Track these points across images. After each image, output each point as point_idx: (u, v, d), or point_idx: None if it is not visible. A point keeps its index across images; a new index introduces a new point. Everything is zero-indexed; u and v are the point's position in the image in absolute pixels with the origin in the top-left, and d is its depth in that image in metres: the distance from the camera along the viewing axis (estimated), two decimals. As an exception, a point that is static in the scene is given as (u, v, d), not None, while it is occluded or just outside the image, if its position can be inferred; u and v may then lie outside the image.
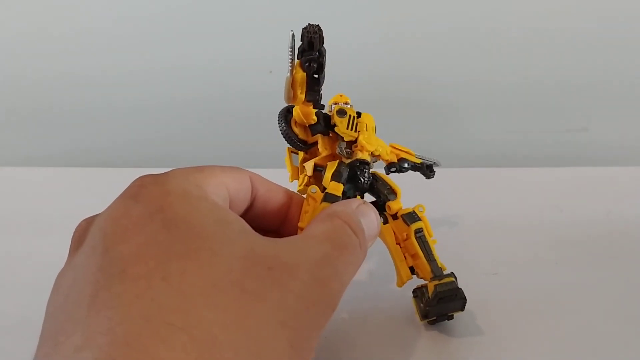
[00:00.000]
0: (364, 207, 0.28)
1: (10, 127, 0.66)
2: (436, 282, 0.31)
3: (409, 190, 0.47)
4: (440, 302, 0.31)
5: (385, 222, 0.33)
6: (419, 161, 0.36)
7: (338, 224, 0.26)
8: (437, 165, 0.37)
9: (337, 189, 0.31)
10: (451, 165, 0.54)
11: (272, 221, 0.30)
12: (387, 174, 0.35)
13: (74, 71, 0.64)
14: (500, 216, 0.45)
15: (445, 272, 0.32)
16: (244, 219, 0.28)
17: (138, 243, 0.21)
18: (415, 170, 0.36)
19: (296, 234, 0.30)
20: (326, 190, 0.30)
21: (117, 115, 0.65)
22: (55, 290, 0.23)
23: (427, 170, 0.36)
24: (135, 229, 0.22)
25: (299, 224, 0.30)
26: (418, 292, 0.33)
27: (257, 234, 0.24)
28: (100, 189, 0.51)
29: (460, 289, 0.31)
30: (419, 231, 0.32)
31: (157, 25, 0.62)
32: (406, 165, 0.35)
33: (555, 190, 0.49)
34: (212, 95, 0.64)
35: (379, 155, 0.33)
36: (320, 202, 0.30)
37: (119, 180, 0.26)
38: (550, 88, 0.63)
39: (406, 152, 0.36)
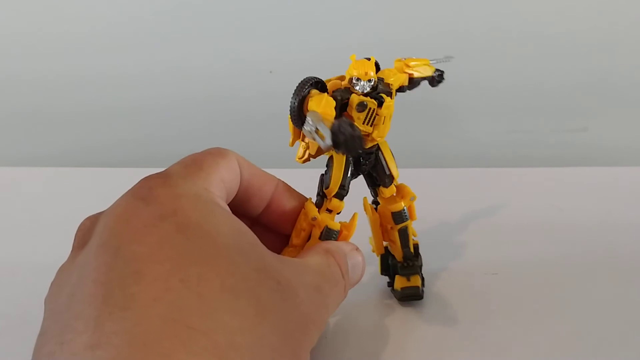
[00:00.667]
0: (354, 254, 0.30)
1: (10, 127, 0.66)
2: (404, 283, 0.34)
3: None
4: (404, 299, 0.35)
5: (376, 195, 0.33)
6: (429, 73, 0.35)
7: (332, 263, 0.28)
8: (450, 60, 0.36)
9: (338, 207, 0.31)
10: (451, 165, 0.54)
11: (253, 207, 0.30)
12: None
13: (74, 71, 0.64)
14: (500, 216, 0.45)
15: (415, 244, 0.35)
16: (230, 205, 0.28)
17: (151, 244, 0.21)
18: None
19: (281, 224, 0.30)
20: (327, 226, 0.30)
21: (118, 115, 0.65)
22: (56, 287, 0.23)
23: (435, 80, 0.35)
24: (147, 230, 0.22)
25: (294, 240, 0.30)
26: (387, 252, 0.36)
27: (264, 247, 0.25)
28: (100, 189, 0.51)
29: (421, 293, 0.35)
30: (403, 228, 0.33)
31: (157, 26, 0.62)
32: (416, 78, 0.34)
33: (555, 190, 0.49)
34: (212, 95, 0.64)
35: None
36: (320, 237, 0.30)
37: (119, 180, 0.26)
38: (550, 88, 0.63)
39: (419, 65, 0.34)
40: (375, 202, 0.34)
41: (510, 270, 0.38)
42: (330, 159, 0.31)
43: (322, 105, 0.28)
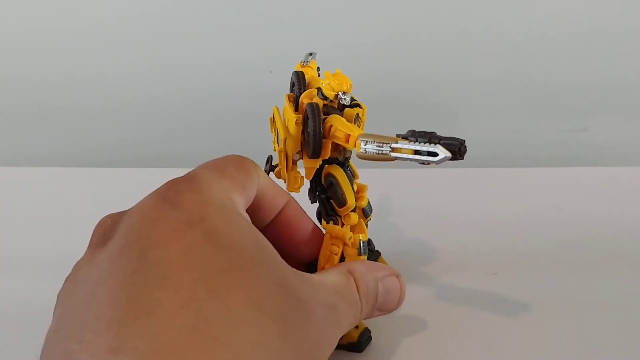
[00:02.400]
0: (389, 279, 0.29)
1: (11, 127, 0.66)
2: None
3: (409, 188, 0.47)
4: None
5: None
6: None
7: (350, 283, 0.27)
8: (314, 56, 0.35)
9: (356, 220, 0.31)
10: (451, 165, 0.54)
11: (261, 218, 0.29)
12: None
13: (74, 71, 0.64)
14: (500, 216, 0.45)
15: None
16: None
17: (178, 249, 0.21)
18: None
19: (284, 240, 0.30)
20: (361, 239, 0.30)
21: (118, 115, 0.65)
22: (73, 283, 0.23)
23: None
24: (174, 234, 0.21)
25: (327, 266, 0.30)
26: None
27: (284, 262, 0.25)
28: (100, 189, 0.52)
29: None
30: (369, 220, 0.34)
31: (157, 25, 0.62)
32: None
33: (555, 190, 0.49)
34: (212, 95, 0.64)
35: None
36: (358, 254, 0.30)
37: (119, 180, 0.26)
38: (550, 88, 0.63)
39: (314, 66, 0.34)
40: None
41: (510, 270, 0.38)
42: (329, 177, 0.31)
43: (353, 127, 0.28)
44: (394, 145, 0.25)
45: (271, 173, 0.32)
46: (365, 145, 0.26)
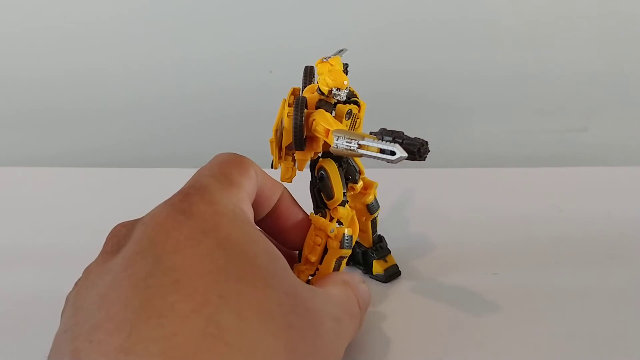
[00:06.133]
0: (362, 286, 0.31)
1: (10, 127, 0.66)
2: (384, 265, 0.37)
3: (409, 187, 0.47)
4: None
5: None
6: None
7: (350, 295, 0.28)
8: (344, 52, 0.36)
9: (347, 214, 0.31)
10: (451, 165, 0.54)
11: (258, 214, 0.30)
12: None
13: (73, 71, 0.64)
14: (500, 216, 0.45)
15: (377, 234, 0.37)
16: None
17: (192, 256, 0.21)
18: None
19: (278, 232, 0.30)
20: (345, 233, 0.31)
21: (118, 115, 0.65)
22: (84, 286, 0.23)
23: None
24: (188, 242, 0.22)
25: (311, 257, 0.31)
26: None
27: (293, 273, 0.25)
28: (100, 189, 0.52)
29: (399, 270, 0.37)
30: (375, 216, 0.36)
31: (157, 25, 0.62)
32: None
33: (555, 190, 0.49)
34: (212, 95, 0.64)
35: None
36: (340, 247, 0.31)
37: (119, 180, 0.27)
38: (550, 88, 0.63)
39: (338, 62, 0.34)
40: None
41: (511, 270, 0.38)
42: (321, 170, 0.31)
43: (333, 122, 0.29)
44: (361, 142, 0.26)
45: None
46: (337, 140, 0.27)
